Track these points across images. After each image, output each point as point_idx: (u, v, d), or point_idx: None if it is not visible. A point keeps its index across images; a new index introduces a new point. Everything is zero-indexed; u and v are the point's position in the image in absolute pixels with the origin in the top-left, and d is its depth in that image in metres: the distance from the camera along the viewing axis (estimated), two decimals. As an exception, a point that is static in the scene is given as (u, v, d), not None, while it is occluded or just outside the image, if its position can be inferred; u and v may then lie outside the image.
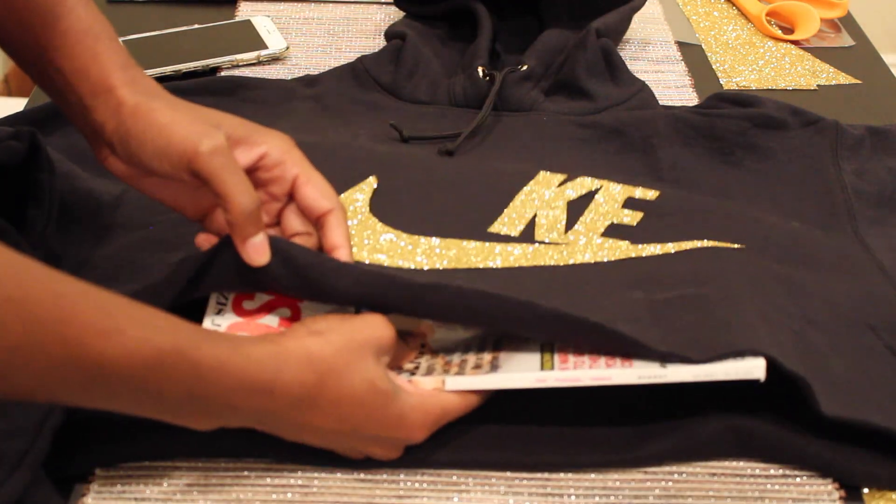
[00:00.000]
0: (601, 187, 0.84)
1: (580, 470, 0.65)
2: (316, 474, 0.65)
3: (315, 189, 0.69)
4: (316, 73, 1.03)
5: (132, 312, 0.55)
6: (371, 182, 0.82)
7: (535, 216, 0.81)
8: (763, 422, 0.66)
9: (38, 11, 0.70)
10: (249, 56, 1.06)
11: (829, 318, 0.74)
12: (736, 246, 0.79)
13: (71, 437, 0.62)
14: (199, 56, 1.05)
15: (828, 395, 0.65)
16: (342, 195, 0.79)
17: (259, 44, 1.08)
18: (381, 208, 0.79)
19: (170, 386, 0.56)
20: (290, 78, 1.02)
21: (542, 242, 0.79)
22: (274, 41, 1.08)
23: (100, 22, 0.71)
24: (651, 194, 0.84)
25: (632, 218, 0.81)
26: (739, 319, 0.68)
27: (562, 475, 0.65)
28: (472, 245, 0.77)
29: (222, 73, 1.04)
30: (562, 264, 0.77)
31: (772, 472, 0.66)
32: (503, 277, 0.75)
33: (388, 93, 0.99)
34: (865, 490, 0.65)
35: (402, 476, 0.65)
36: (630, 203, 0.83)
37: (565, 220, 0.81)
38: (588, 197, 0.83)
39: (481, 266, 0.76)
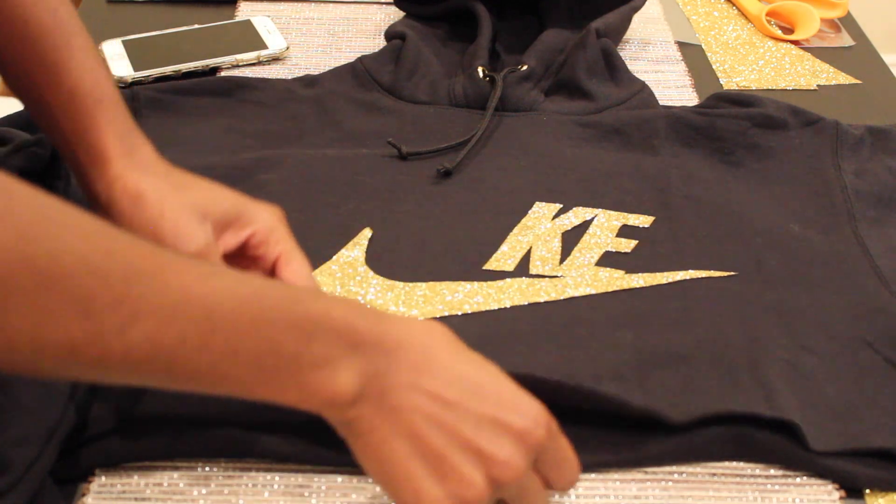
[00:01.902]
0: (596, 216, 0.85)
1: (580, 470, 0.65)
2: (316, 474, 0.65)
3: (292, 273, 0.69)
4: (316, 73, 1.03)
5: (221, 266, 0.55)
6: (366, 234, 0.82)
7: (529, 250, 0.82)
8: (764, 426, 0.66)
9: (46, 63, 0.69)
10: (249, 56, 1.06)
11: (824, 341, 0.74)
12: (727, 274, 0.79)
13: (71, 437, 0.63)
14: (199, 56, 1.05)
15: (820, 428, 0.66)
16: (340, 252, 0.80)
17: (259, 44, 1.08)
18: (377, 261, 0.80)
19: (282, 328, 0.52)
20: (290, 78, 1.02)
21: (536, 275, 0.79)
22: (274, 41, 1.08)
23: (104, 83, 0.70)
24: (645, 221, 0.85)
25: (626, 246, 0.82)
26: (720, 384, 0.69)
27: (562, 475, 0.65)
28: (467, 288, 0.78)
29: (222, 73, 1.04)
30: (556, 299, 0.77)
31: (772, 472, 0.66)
32: (499, 320, 0.75)
33: (388, 93, 0.99)
34: (867, 490, 0.65)
35: (402, 476, 0.65)
36: (624, 231, 0.84)
37: (560, 251, 0.82)
38: (583, 226, 0.84)
39: (477, 310, 0.76)
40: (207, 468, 0.65)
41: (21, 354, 0.49)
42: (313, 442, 0.65)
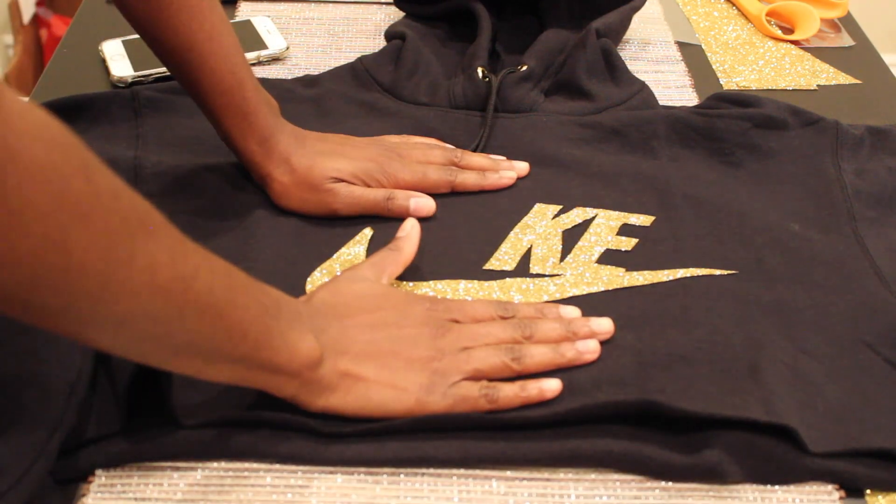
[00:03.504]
0: (596, 215, 0.85)
1: (580, 468, 0.66)
2: (316, 474, 0.65)
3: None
4: (316, 73, 1.03)
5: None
6: (367, 234, 0.83)
7: (529, 249, 0.82)
8: (763, 430, 0.66)
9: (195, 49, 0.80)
10: (249, 56, 1.06)
11: (824, 342, 0.74)
12: (727, 273, 0.79)
13: (71, 437, 0.62)
14: (199, 56, 1.05)
15: (820, 429, 0.66)
16: (341, 250, 0.81)
17: (259, 44, 1.08)
18: None
19: (260, 294, 0.62)
20: (290, 78, 1.02)
21: (536, 275, 0.79)
22: (274, 41, 1.08)
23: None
24: (646, 220, 0.85)
25: (626, 244, 0.82)
26: (720, 388, 0.69)
27: (562, 475, 0.65)
28: (468, 287, 0.78)
29: (222, 73, 1.04)
30: (557, 297, 0.78)
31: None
32: None
33: (388, 93, 0.99)
34: (867, 490, 0.65)
35: (402, 476, 0.65)
36: (625, 230, 0.84)
37: (560, 250, 0.82)
38: (583, 226, 0.84)
39: None
40: (207, 468, 0.65)
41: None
42: (313, 442, 0.65)
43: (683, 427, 0.67)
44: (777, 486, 0.65)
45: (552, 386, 0.68)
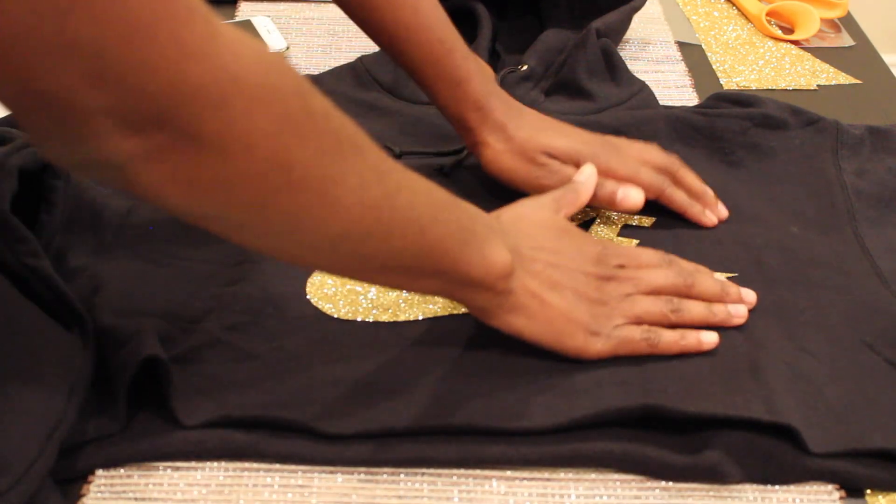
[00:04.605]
0: (597, 216, 0.85)
1: (580, 468, 0.66)
2: (316, 474, 0.65)
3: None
4: (316, 73, 1.03)
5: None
6: None
7: None
8: (763, 430, 0.66)
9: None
10: (249, 56, 1.06)
11: (824, 342, 0.74)
12: (727, 275, 0.79)
13: (71, 438, 0.62)
14: (199, 56, 1.05)
15: (821, 429, 0.66)
16: None
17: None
18: None
19: (460, 212, 0.65)
20: (290, 78, 1.02)
21: None
22: (274, 41, 1.08)
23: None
24: (646, 221, 0.85)
25: (627, 244, 0.82)
26: (722, 387, 0.69)
27: (562, 475, 0.65)
28: None
29: (222, 73, 1.04)
30: None
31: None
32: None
33: (389, 92, 0.99)
34: (867, 490, 0.65)
35: (402, 476, 0.65)
36: (625, 231, 0.84)
37: None
38: (584, 226, 0.84)
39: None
40: (207, 468, 0.65)
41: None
42: (313, 442, 0.65)
43: (683, 427, 0.67)
44: (777, 486, 0.65)
45: (710, 338, 0.72)
